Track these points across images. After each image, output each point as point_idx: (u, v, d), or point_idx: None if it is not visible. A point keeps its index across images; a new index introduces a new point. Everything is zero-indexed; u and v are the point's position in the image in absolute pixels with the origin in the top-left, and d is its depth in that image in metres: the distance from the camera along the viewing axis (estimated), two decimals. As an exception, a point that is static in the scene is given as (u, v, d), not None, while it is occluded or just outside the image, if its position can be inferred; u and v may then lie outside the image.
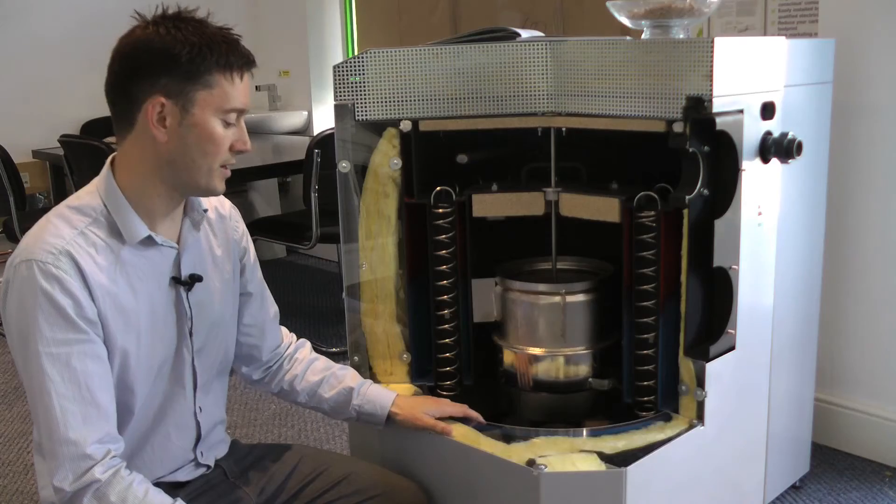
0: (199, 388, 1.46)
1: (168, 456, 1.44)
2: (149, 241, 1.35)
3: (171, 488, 1.38)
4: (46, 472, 1.27)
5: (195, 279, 1.41)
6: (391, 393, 1.64)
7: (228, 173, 1.37)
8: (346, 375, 1.64)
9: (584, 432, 1.61)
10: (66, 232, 1.27)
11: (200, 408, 1.47)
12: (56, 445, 1.22)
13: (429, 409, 1.63)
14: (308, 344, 1.70)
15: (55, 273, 1.23)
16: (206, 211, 1.45)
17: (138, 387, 1.34)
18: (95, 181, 1.36)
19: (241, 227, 1.57)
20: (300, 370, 1.63)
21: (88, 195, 1.34)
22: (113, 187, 1.32)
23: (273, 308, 1.64)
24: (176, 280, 1.39)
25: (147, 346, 1.35)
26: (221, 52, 1.27)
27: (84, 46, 4.06)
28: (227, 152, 1.33)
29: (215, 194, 1.38)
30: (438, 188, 1.75)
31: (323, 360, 1.66)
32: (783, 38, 1.77)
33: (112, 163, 1.35)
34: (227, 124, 1.31)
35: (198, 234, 1.44)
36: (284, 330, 1.68)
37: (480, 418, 1.65)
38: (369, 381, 1.65)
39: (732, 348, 1.66)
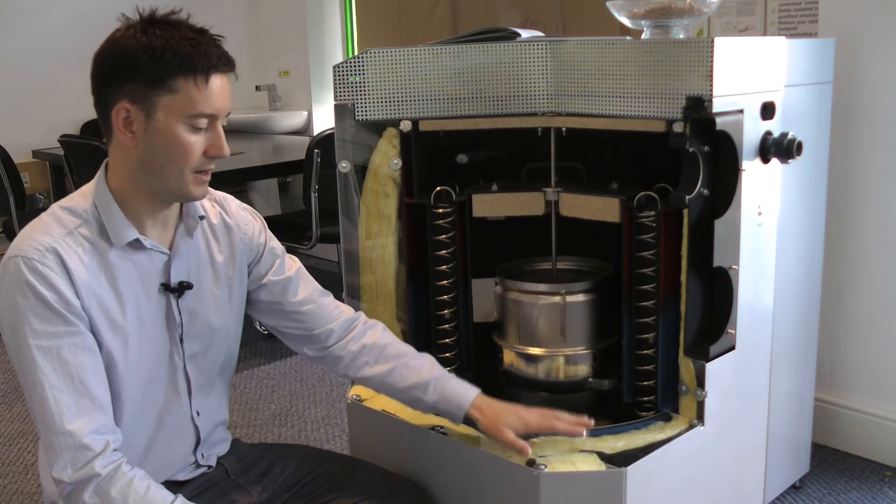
0: (194, 393, 1.45)
1: (170, 462, 1.44)
2: (137, 245, 1.34)
3: (172, 486, 1.38)
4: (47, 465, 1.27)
5: (185, 286, 1.40)
6: (471, 390, 1.52)
7: (206, 178, 1.32)
8: (423, 366, 1.54)
9: (584, 432, 1.60)
10: (55, 230, 1.28)
11: (198, 412, 1.47)
12: (52, 437, 1.22)
13: (512, 423, 1.49)
14: (379, 325, 1.60)
15: (40, 269, 1.24)
16: (202, 217, 1.43)
17: (125, 394, 1.33)
18: (90, 183, 1.36)
19: (253, 226, 1.52)
20: (369, 358, 1.55)
21: (81, 196, 1.34)
22: (104, 189, 1.33)
23: (319, 288, 1.58)
24: (165, 287, 1.39)
25: (135, 352, 1.34)
26: (185, 55, 1.24)
27: (84, 47, 3.99)
28: (199, 158, 1.29)
29: (193, 199, 1.35)
30: (438, 188, 1.75)
31: (395, 346, 1.57)
32: (783, 38, 1.77)
33: (106, 165, 1.35)
34: (195, 129, 1.28)
35: (192, 241, 1.42)
36: (349, 309, 1.60)
37: (575, 430, 1.50)
38: (448, 375, 1.54)
39: (732, 348, 1.66)
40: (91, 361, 1.27)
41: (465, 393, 1.52)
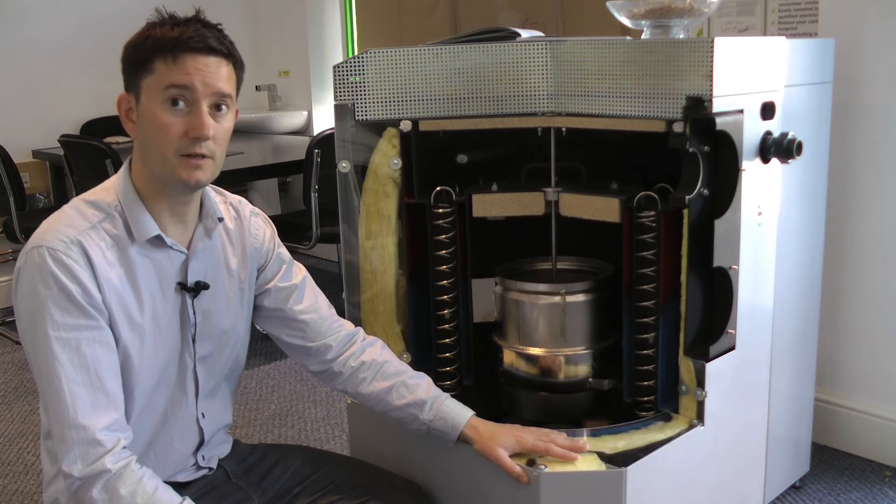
0: (201, 395, 1.46)
1: (171, 461, 1.45)
2: (158, 242, 1.35)
3: (175, 488, 1.38)
4: (53, 461, 1.27)
5: (201, 286, 1.40)
6: (466, 412, 1.54)
7: (198, 163, 1.29)
8: (419, 385, 1.54)
9: (584, 432, 1.60)
10: (79, 223, 1.29)
11: (203, 413, 1.47)
12: (65, 430, 1.22)
13: (507, 443, 1.49)
14: (378, 342, 1.61)
15: (65, 261, 1.24)
16: (221, 219, 1.44)
17: (138, 391, 1.34)
18: (113, 178, 1.37)
19: (265, 232, 1.53)
20: (368, 374, 1.55)
21: (104, 191, 1.35)
22: (128, 184, 1.34)
23: (324, 301, 1.59)
24: (182, 286, 1.39)
25: (150, 349, 1.34)
26: (165, 39, 1.26)
27: (84, 46, 4.06)
28: (180, 139, 1.27)
29: (188, 186, 1.32)
30: (438, 188, 1.75)
31: (393, 364, 1.57)
32: (783, 38, 1.77)
33: (130, 160, 1.37)
34: (174, 108, 1.27)
35: (210, 242, 1.43)
36: (349, 325, 1.60)
37: (570, 455, 1.49)
38: (444, 395, 1.56)
39: (732, 348, 1.66)
40: (108, 357, 1.27)
41: (461, 413, 1.53)
